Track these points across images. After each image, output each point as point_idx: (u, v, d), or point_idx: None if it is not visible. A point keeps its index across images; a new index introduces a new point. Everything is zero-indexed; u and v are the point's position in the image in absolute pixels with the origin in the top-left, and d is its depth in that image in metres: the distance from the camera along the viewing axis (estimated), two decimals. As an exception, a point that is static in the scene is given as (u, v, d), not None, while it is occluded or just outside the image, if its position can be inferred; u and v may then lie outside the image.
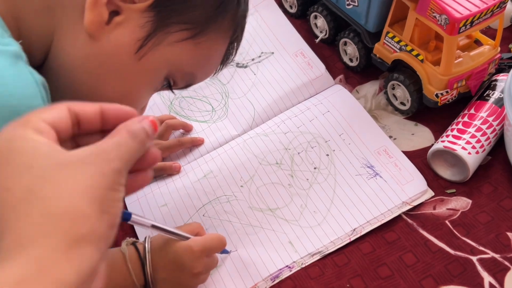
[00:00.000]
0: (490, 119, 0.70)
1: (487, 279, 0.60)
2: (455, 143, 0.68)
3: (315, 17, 0.90)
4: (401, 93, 0.77)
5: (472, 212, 0.66)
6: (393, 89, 0.79)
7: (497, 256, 0.62)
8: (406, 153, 0.73)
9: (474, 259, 0.62)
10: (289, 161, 0.74)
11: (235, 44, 0.55)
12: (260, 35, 0.91)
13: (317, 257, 0.65)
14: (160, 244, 0.58)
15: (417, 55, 0.73)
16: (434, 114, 0.77)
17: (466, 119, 0.71)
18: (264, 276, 0.64)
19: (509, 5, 0.80)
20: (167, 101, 0.86)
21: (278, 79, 0.85)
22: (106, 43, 0.46)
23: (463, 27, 0.66)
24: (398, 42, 0.75)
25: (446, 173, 0.70)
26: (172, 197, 0.74)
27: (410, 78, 0.75)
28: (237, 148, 0.77)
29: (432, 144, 0.73)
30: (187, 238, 0.57)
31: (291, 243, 0.66)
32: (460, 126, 0.70)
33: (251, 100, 0.83)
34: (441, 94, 0.72)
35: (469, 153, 0.67)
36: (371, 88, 0.83)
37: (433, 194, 0.69)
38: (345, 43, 0.85)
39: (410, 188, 0.69)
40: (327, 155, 0.74)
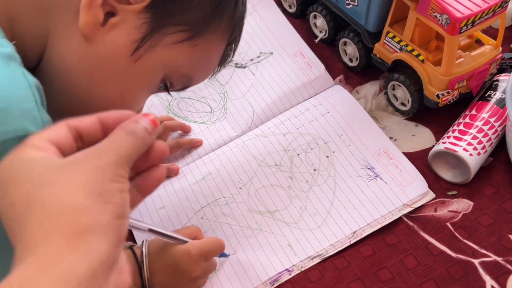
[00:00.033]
0: (492, 120, 0.69)
1: (489, 282, 0.59)
2: (456, 144, 0.67)
3: (315, 16, 0.89)
4: (402, 94, 0.76)
5: (473, 214, 0.66)
6: (393, 89, 0.78)
7: (499, 259, 0.61)
8: (406, 154, 0.72)
9: (476, 262, 0.61)
10: (288, 162, 0.73)
11: (233, 46, 0.54)
12: (259, 35, 0.90)
13: (317, 260, 0.64)
14: (157, 248, 0.57)
15: (417, 55, 0.72)
16: (435, 115, 0.76)
17: (467, 120, 0.70)
18: (263, 280, 0.63)
19: (510, 4, 0.79)
20: (165, 102, 0.85)
21: (277, 80, 0.84)
22: (101, 45, 0.45)
23: (464, 27, 0.66)
24: (399, 42, 0.74)
25: (447, 174, 0.70)
26: (170, 199, 0.73)
27: (410, 79, 0.74)
28: (236, 149, 0.76)
29: (433, 145, 0.72)
30: (185, 242, 0.56)
31: (291, 246, 0.66)
32: (461, 127, 0.69)
33: (250, 101, 0.83)
34: (442, 94, 0.71)
35: (471, 154, 0.66)
36: (371, 88, 0.83)
37: (434, 196, 0.68)
38: (345, 43, 0.84)
39: (411, 190, 0.68)
40: (327, 156, 0.73)
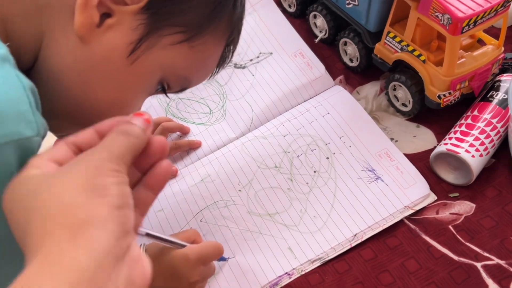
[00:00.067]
0: (494, 120, 0.68)
1: (492, 286, 0.58)
2: (458, 145, 0.66)
3: (315, 16, 0.88)
4: (403, 94, 0.75)
5: (476, 216, 0.65)
6: (394, 90, 0.77)
7: (502, 262, 0.60)
8: (408, 156, 0.71)
9: (479, 265, 0.61)
10: (288, 164, 0.73)
11: (231, 47, 0.53)
12: (258, 35, 0.89)
13: (317, 263, 0.63)
14: (155, 252, 0.56)
15: (419, 55, 0.71)
16: (437, 116, 0.76)
17: (469, 121, 0.69)
18: (263, 284, 0.62)
19: (512, 3, 0.78)
20: (163, 103, 0.85)
21: (277, 80, 0.83)
22: (97, 47, 0.44)
23: (466, 26, 0.65)
24: (400, 42, 0.73)
25: (449, 176, 0.69)
26: (168, 202, 0.72)
27: (411, 79, 0.73)
28: (235, 151, 0.76)
29: (435, 147, 0.72)
30: (183, 246, 0.56)
31: (291, 249, 0.65)
32: (463, 128, 0.68)
33: (250, 101, 0.82)
34: (444, 95, 0.70)
35: (473, 156, 0.66)
36: (371, 89, 0.82)
37: (436, 198, 0.67)
38: (345, 43, 0.83)
39: (412, 192, 0.67)
40: (327, 158, 0.73)
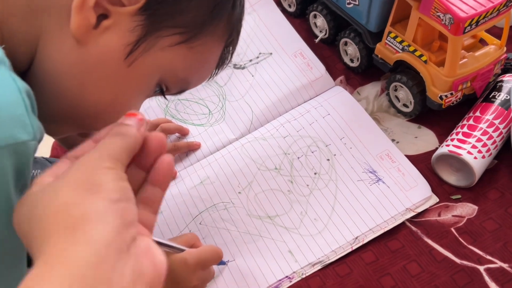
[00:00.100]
0: (496, 121, 0.68)
1: (495, 290, 0.58)
2: (460, 147, 0.66)
3: (315, 16, 0.87)
4: (404, 95, 0.75)
5: (478, 219, 0.64)
6: (395, 90, 0.76)
7: (505, 265, 0.60)
8: (409, 157, 0.71)
9: (481, 268, 0.60)
10: (288, 166, 0.72)
11: (230, 48, 0.52)
12: (258, 35, 0.88)
13: (318, 267, 0.63)
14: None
15: (420, 55, 0.70)
16: (438, 117, 0.75)
17: (471, 122, 0.68)
18: (263, 288, 0.62)
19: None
20: (162, 104, 0.84)
21: (276, 81, 0.82)
22: (94, 48, 0.43)
23: (468, 27, 0.64)
24: (401, 42, 0.72)
25: (451, 178, 0.68)
26: (167, 204, 0.71)
27: (413, 80, 0.72)
28: (234, 152, 0.75)
29: (436, 148, 0.71)
30: (182, 250, 0.55)
31: (291, 252, 0.64)
32: (465, 129, 0.68)
33: (249, 102, 0.81)
34: (446, 96, 0.69)
35: (475, 157, 0.65)
36: (372, 89, 0.81)
37: (437, 200, 0.67)
38: (345, 43, 0.82)
39: (414, 194, 0.67)
40: (328, 159, 0.72)
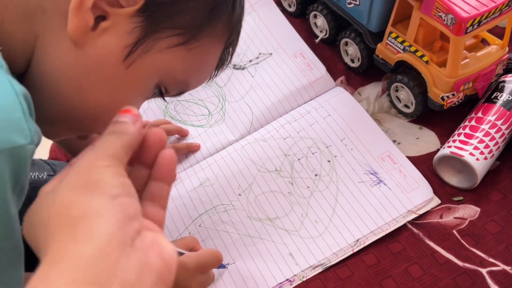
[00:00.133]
0: (499, 122, 0.67)
1: (497, 293, 0.57)
2: (462, 148, 0.65)
3: (315, 16, 0.86)
4: (405, 96, 0.74)
5: (480, 221, 0.64)
6: (396, 91, 0.76)
7: (508, 268, 0.59)
8: (410, 158, 0.70)
9: (484, 271, 0.59)
10: (289, 168, 0.71)
11: (230, 49, 0.52)
12: (258, 35, 0.88)
13: (319, 269, 0.62)
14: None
15: (421, 56, 0.70)
16: (440, 117, 0.74)
17: (473, 123, 0.68)
18: (263, 291, 0.61)
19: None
20: (161, 105, 0.83)
21: (276, 82, 0.81)
22: (91, 50, 0.43)
23: (471, 27, 0.63)
24: (402, 43, 0.72)
25: (453, 179, 0.67)
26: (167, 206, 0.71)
27: (414, 80, 0.72)
28: (234, 154, 0.74)
29: (438, 149, 0.70)
30: (181, 254, 0.54)
31: (292, 255, 0.64)
32: (467, 130, 0.67)
33: (249, 103, 0.80)
34: (447, 97, 0.69)
35: (477, 159, 0.64)
36: (373, 90, 0.80)
37: (439, 202, 0.66)
38: (346, 43, 0.82)
39: (415, 196, 0.66)
40: (329, 161, 0.71)
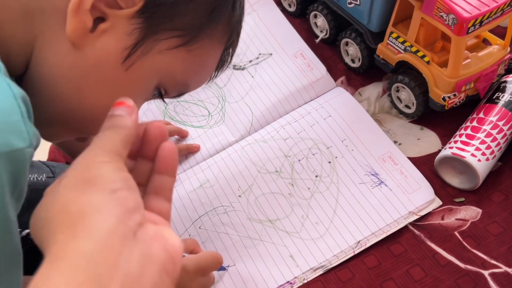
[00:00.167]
0: (500, 123, 0.67)
1: (499, 295, 0.57)
2: (463, 149, 0.65)
3: (315, 16, 0.86)
4: (406, 96, 0.73)
5: (482, 222, 0.63)
6: (397, 91, 0.75)
7: (510, 270, 0.59)
8: (412, 159, 0.70)
9: (486, 273, 0.59)
10: (289, 169, 0.71)
11: (230, 50, 0.51)
12: (258, 35, 0.87)
13: (320, 272, 0.62)
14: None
15: (422, 56, 0.69)
16: (441, 118, 0.74)
17: (475, 123, 0.67)
18: (264, 293, 0.61)
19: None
20: (161, 106, 0.83)
21: (277, 82, 0.81)
22: (90, 52, 0.42)
23: (472, 27, 0.63)
24: (403, 43, 0.71)
25: (454, 180, 0.67)
26: (167, 208, 0.70)
27: (415, 81, 0.71)
28: (234, 155, 0.74)
29: (439, 150, 0.70)
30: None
31: (292, 257, 0.63)
32: (468, 131, 0.67)
33: (249, 104, 0.80)
34: (449, 97, 0.68)
35: (479, 160, 0.64)
36: (374, 90, 0.80)
37: (441, 203, 0.66)
38: (346, 43, 0.81)
39: (416, 197, 0.66)
40: (329, 162, 0.71)
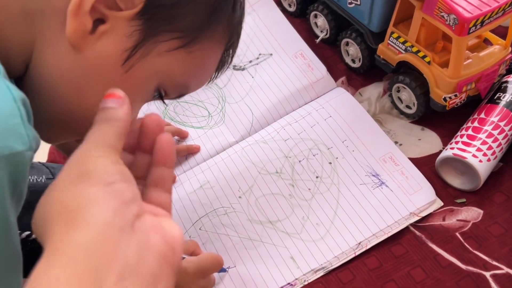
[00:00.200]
0: (502, 123, 0.66)
1: (501, 296, 0.57)
2: (465, 150, 0.64)
3: (315, 16, 0.86)
4: (407, 96, 0.73)
5: (484, 223, 0.63)
6: (398, 91, 0.75)
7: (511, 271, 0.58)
8: (413, 160, 0.69)
9: (487, 274, 0.59)
10: (289, 169, 0.71)
11: (230, 51, 0.51)
12: (258, 35, 0.87)
13: (321, 273, 0.62)
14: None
15: (423, 56, 0.69)
16: (442, 118, 0.73)
17: (476, 124, 0.67)
18: (264, 295, 0.60)
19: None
20: (161, 106, 0.83)
21: (277, 82, 0.81)
22: (90, 54, 0.42)
23: (473, 27, 0.63)
24: (403, 43, 0.71)
25: (455, 181, 0.67)
26: (167, 209, 0.70)
27: (416, 81, 0.71)
28: (234, 156, 0.74)
29: (440, 150, 0.70)
30: (182, 258, 0.54)
31: (293, 258, 0.63)
32: (470, 131, 0.66)
33: (249, 104, 0.80)
34: (450, 97, 0.68)
35: (480, 160, 0.64)
36: (374, 90, 0.80)
37: (442, 204, 0.65)
38: (347, 44, 0.81)
39: (417, 198, 0.65)
40: (330, 163, 0.71)
